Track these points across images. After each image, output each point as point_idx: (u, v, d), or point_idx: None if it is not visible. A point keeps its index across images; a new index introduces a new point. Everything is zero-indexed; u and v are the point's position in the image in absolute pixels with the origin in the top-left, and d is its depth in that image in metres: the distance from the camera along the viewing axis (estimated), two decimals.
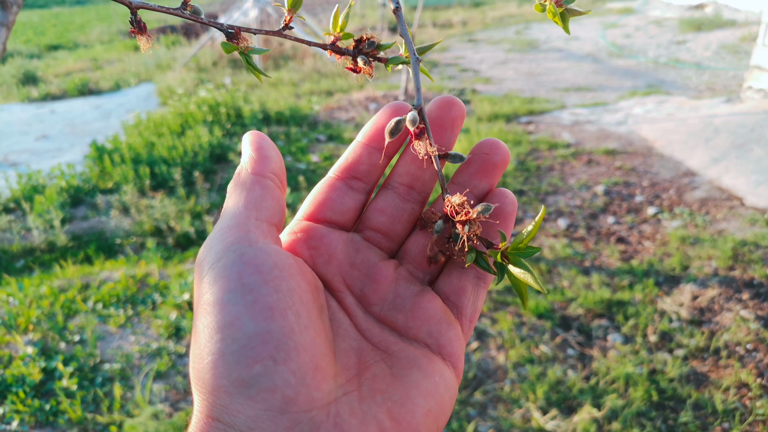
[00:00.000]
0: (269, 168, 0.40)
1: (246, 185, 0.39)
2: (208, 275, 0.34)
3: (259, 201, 0.38)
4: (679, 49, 8.60)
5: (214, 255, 0.34)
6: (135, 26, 0.38)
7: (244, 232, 0.36)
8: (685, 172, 4.16)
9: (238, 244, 0.35)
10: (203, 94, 5.97)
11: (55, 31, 14.70)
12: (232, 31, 0.40)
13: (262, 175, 0.39)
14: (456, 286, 0.43)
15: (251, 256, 0.34)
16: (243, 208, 0.37)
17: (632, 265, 3.05)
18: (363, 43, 0.43)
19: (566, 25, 0.40)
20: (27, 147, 5.76)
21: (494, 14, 13.51)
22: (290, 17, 0.42)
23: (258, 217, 0.37)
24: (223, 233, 0.36)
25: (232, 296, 0.32)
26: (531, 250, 0.38)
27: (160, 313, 2.73)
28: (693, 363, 2.37)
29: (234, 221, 0.36)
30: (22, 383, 2.31)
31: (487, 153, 0.43)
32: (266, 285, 0.33)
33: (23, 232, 3.77)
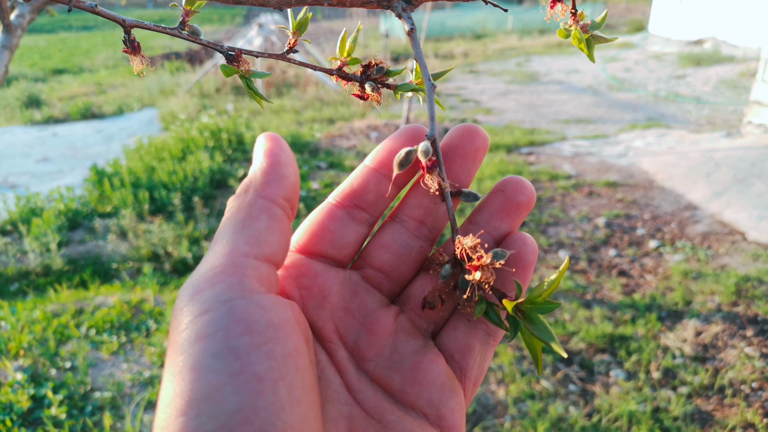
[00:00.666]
0: (282, 190, 0.34)
1: (251, 211, 0.33)
2: (188, 329, 0.28)
3: (263, 235, 0.32)
4: (678, 83, 8.68)
5: (200, 304, 0.28)
6: (128, 46, 0.36)
7: (239, 277, 0.29)
8: (687, 205, 4.15)
9: (229, 293, 0.29)
10: (205, 120, 5.99)
11: (61, 55, 14.86)
12: (233, 54, 0.37)
13: (272, 201, 0.33)
14: (462, 343, 0.39)
15: (243, 310, 0.28)
16: (243, 242, 0.31)
17: (634, 299, 3.01)
18: (371, 69, 0.40)
19: (591, 52, 0.37)
20: (27, 169, 5.75)
21: (495, 46, 13.68)
22: (295, 40, 0.40)
23: (258, 255, 0.31)
24: (213, 274, 0.29)
25: (214, 362, 0.27)
26: (550, 305, 0.34)
27: (154, 340, 2.68)
28: (697, 401, 2.32)
29: (229, 260, 0.30)
30: (10, 411, 2.25)
31: (511, 192, 0.39)
32: (257, 349, 0.28)
33: (19, 255, 3.74)
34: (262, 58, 0.40)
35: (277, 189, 0.34)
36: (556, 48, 13.12)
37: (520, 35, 15.22)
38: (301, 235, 0.39)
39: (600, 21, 0.37)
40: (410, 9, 0.37)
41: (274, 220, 0.33)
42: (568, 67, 10.67)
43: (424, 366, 0.37)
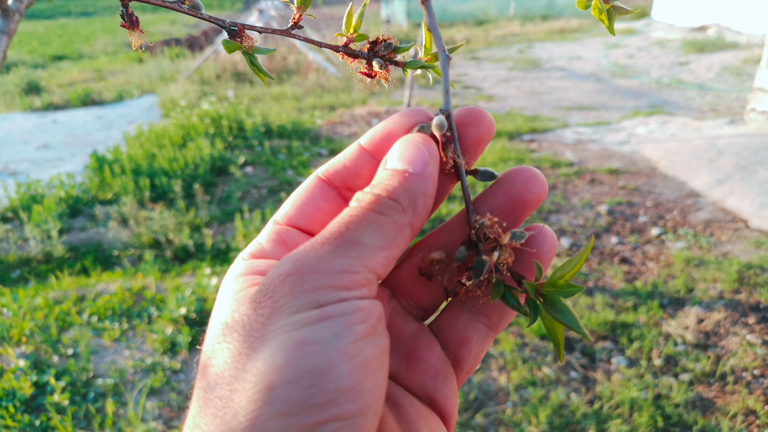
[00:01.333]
0: (424, 220, 0.34)
1: (397, 236, 0.32)
2: (313, 312, 0.29)
3: (394, 261, 0.32)
4: (681, 70, 8.62)
5: (330, 295, 0.29)
6: (126, 20, 0.34)
7: (368, 288, 0.31)
8: (689, 193, 4.13)
9: (358, 293, 0.30)
10: (206, 107, 5.96)
11: (60, 41, 14.78)
12: (236, 29, 0.36)
13: (413, 228, 0.33)
14: (460, 334, 0.38)
15: (364, 303, 0.30)
16: (380, 265, 0.31)
17: (636, 286, 3.00)
18: (379, 45, 0.39)
19: (612, 24, 0.36)
20: (27, 156, 5.74)
21: (497, 32, 13.59)
22: (299, 15, 0.38)
23: (382, 276, 0.32)
24: (350, 281, 0.30)
25: (337, 341, 0.28)
26: (572, 288, 0.32)
27: (155, 327, 2.68)
28: (699, 388, 2.32)
29: (369, 276, 0.31)
30: (13, 397, 2.26)
31: (520, 186, 0.36)
32: (369, 338, 0.29)
33: (20, 242, 3.73)
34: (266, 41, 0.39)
35: (424, 220, 0.34)
36: (558, 34, 13.03)
37: (522, 21, 15.12)
38: (291, 208, 0.39)
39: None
40: None
41: (406, 248, 0.33)
42: (570, 53, 10.60)
43: (420, 352, 0.37)
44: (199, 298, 2.85)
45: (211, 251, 3.51)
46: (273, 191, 4.41)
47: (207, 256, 3.45)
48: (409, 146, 0.34)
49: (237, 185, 4.53)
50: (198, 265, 3.31)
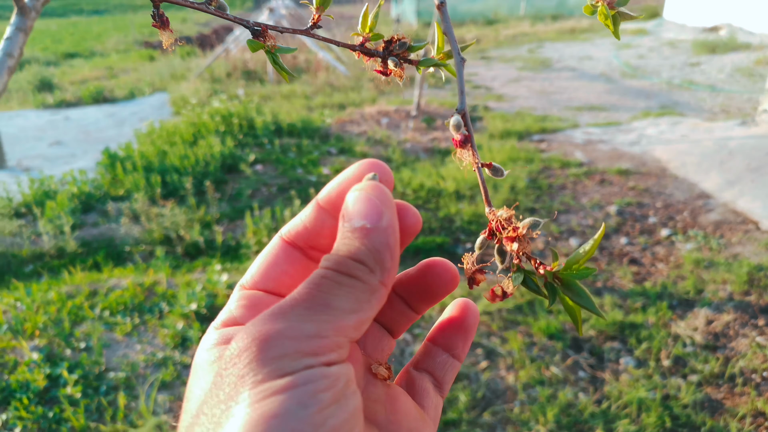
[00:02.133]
0: (393, 277, 0.33)
1: (371, 299, 0.31)
2: (279, 381, 0.28)
3: (366, 322, 0.32)
4: (692, 71, 8.58)
5: (296, 363, 0.28)
6: (157, 20, 0.36)
7: (338, 353, 0.30)
8: (700, 194, 4.12)
9: (326, 360, 0.29)
10: (216, 105, 6.00)
11: (72, 39, 14.89)
12: (259, 29, 0.38)
13: (385, 287, 0.32)
14: (420, 386, 0.41)
15: (330, 370, 0.29)
16: (352, 329, 0.30)
17: (645, 287, 3.00)
18: (394, 44, 0.40)
19: (617, 29, 0.37)
20: (40, 152, 5.80)
21: (507, 32, 13.56)
22: (318, 16, 0.40)
23: (354, 338, 0.31)
24: (319, 347, 0.29)
25: (301, 411, 0.27)
26: (587, 271, 0.35)
27: (167, 322, 2.71)
28: (707, 389, 2.32)
29: (338, 340, 0.30)
30: (27, 389, 2.29)
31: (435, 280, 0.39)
32: (336, 403, 0.28)
33: (33, 237, 3.78)
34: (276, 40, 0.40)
35: (395, 274, 0.33)
36: (568, 34, 12.99)
37: (533, 21, 15.07)
38: (257, 272, 0.38)
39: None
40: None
41: (380, 308, 0.33)
42: (580, 53, 10.57)
43: (399, 398, 0.38)
44: (209, 294, 2.88)
45: (222, 248, 3.54)
46: (283, 189, 4.44)
47: (217, 252, 3.48)
48: (360, 199, 0.33)
49: (247, 183, 4.56)
50: (208, 262, 3.34)
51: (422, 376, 0.41)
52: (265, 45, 0.38)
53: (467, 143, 0.37)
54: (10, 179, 4.89)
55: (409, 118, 6.31)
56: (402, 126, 6.06)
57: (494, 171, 0.38)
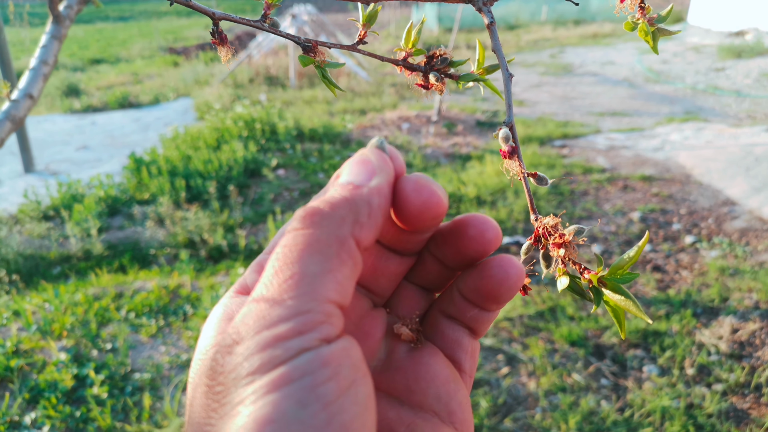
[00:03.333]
0: (376, 232, 0.30)
1: (340, 254, 0.28)
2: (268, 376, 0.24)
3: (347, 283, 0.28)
4: (718, 76, 8.47)
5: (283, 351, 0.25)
6: (216, 37, 0.38)
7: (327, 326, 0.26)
8: (725, 201, 4.07)
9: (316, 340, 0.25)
10: (239, 110, 6.07)
11: (98, 45, 15.17)
12: (309, 45, 0.40)
13: (360, 245, 0.29)
14: (450, 338, 0.36)
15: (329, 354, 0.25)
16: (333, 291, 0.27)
17: (669, 294, 2.97)
18: (435, 59, 0.42)
19: (656, 44, 0.39)
20: (68, 157, 5.91)
21: (529, 37, 13.52)
22: (365, 32, 0.42)
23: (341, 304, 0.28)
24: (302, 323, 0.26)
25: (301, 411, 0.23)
26: (630, 275, 0.36)
27: (191, 324, 2.75)
28: (732, 399, 2.29)
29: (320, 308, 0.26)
30: (55, 389, 2.34)
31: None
32: (344, 395, 0.25)
33: (61, 240, 3.85)
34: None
35: (371, 233, 0.29)
36: (591, 39, 12.91)
37: (555, 26, 15.01)
38: None
39: (665, 15, 0.39)
40: (489, 3, 0.39)
41: (357, 265, 0.28)
42: (603, 58, 10.49)
43: (425, 360, 0.35)
44: None
45: (245, 251, 3.58)
46: (304, 193, 4.48)
47: (240, 256, 3.52)
48: (355, 161, 0.31)
49: (269, 187, 4.61)
50: (231, 265, 3.38)
51: (452, 324, 0.36)
52: (315, 60, 0.40)
53: (514, 154, 0.38)
54: (39, 183, 4.99)
55: (429, 123, 6.33)
56: (423, 131, 6.08)
57: (539, 180, 0.40)
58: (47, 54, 1.58)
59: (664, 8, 0.42)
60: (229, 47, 0.39)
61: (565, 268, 0.37)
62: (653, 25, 0.39)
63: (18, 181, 5.10)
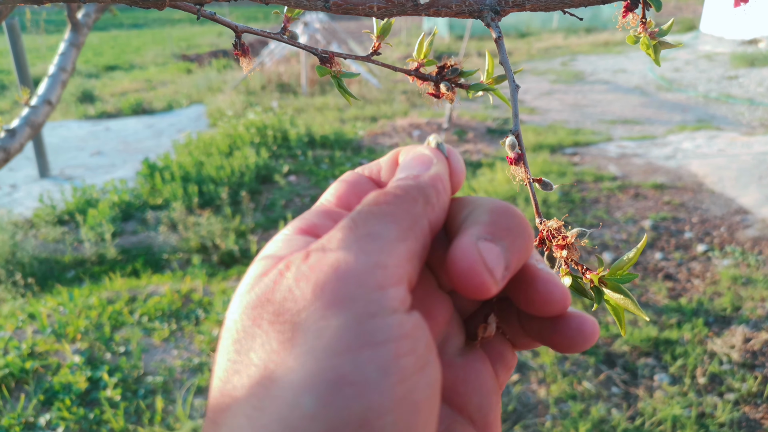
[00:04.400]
0: (444, 214, 0.31)
1: (423, 227, 0.28)
2: (351, 329, 0.23)
3: (421, 255, 0.28)
4: (730, 84, 8.43)
5: (366, 304, 0.24)
6: (239, 48, 0.40)
7: (404, 290, 0.26)
8: (737, 209, 4.05)
9: (398, 304, 0.25)
10: (251, 117, 6.12)
11: (112, 52, 15.34)
12: (327, 56, 0.41)
13: (438, 222, 0.30)
14: (497, 349, 0.35)
15: (411, 325, 0.25)
16: (409, 258, 0.27)
17: (680, 303, 2.96)
18: (446, 70, 0.44)
19: (658, 57, 0.41)
20: (82, 162, 5.99)
21: (540, 45, 13.52)
22: (379, 44, 0.43)
23: (413, 275, 0.27)
24: (384, 277, 0.25)
25: (382, 379, 0.22)
26: (630, 276, 0.38)
27: (203, 328, 2.77)
28: (745, 408, 2.28)
29: (399, 270, 0.26)
30: (69, 391, 2.37)
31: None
32: (420, 372, 0.24)
33: (75, 244, 3.90)
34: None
35: (439, 216, 0.30)
36: (602, 47, 12.89)
37: (566, 34, 15.00)
38: (345, 192, 0.35)
39: (666, 29, 0.41)
40: (497, 19, 0.41)
41: (426, 247, 0.29)
42: (614, 66, 10.48)
43: (477, 365, 0.33)
44: None
45: (256, 257, 3.60)
46: (316, 199, 4.50)
47: (252, 261, 3.55)
48: (412, 155, 0.32)
49: (281, 193, 4.64)
50: (243, 270, 3.41)
51: (500, 335, 0.36)
52: (331, 70, 0.42)
53: (520, 161, 0.40)
54: (54, 187, 5.06)
55: (440, 130, 6.34)
56: None
57: (544, 185, 0.42)
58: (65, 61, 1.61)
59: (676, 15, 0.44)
60: (250, 58, 0.41)
61: (568, 268, 0.39)
62: (654, 39, 0.40)
63: (33, 186, 5.17)
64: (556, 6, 0.42)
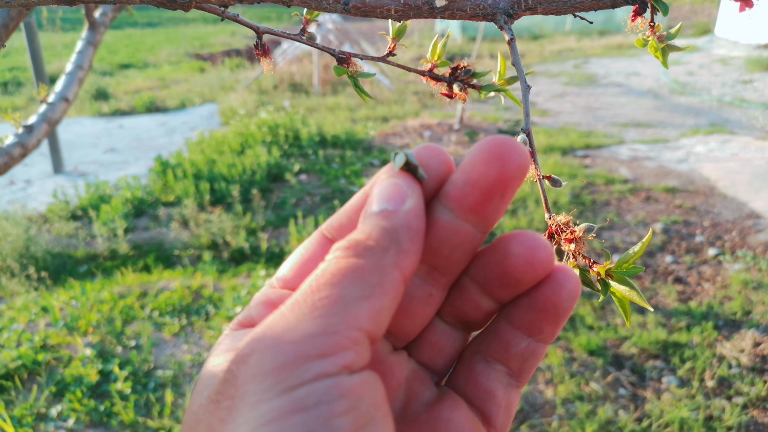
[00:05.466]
0: (416, 262, 0.28)
1: (383, 283, 0.26)
2: (283, 397, 0.23)
3: (384, 314, 0.26)
4: (744, 88, 8.37)
5: (302, 372, 0.23)
6: (260, 49, 0.42)
7: (352, 352, 0.25)
8: (749, 213, 4.02)
9: (338, 366, 0.24)
10: (263, 116, 6.16)
11: (126, 50, 15.45)
12: (344, 57, 0.43)
13: (403, 275, 0.27)
14: (482, 387, 0.32)
15: (349, 386, 0.24)
16: (366, 318, 0.25)
17: (690, 306, 2.95)
18: (459, 71, 0.45)
19: (666, 60, 0.42)
20: (96, 158, 6.04)
21: (553, 48, 13.48)
22: (394, 45, 0.45)
23: (373, 334, 0.26)
24: (328, 345, 0.24)
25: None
26: (635, 269, 0.39)
27: (213, 324, 2.80)
28: (753, 412, 2.27)
29: (347, 334, 0.25)
30: (80, 383, 2.40)
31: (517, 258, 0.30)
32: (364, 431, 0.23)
33: (88, 239, 3.95)
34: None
35: (414, 260, 0.28)
36: (615, 50, 12.83)
37: (579, 36, 14.94)
38: (290, 268, 0.34)
39: (675, 32, 0.42)
40: (510, 22, 0.42)
41: (397, 297, 0.27)
42: (627, 69, 10.43)
43: (445, 415, 0.31)
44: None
45: (266, 254, 3.63)
46: (326, 199, 4.53)
47: (262, 258, 3.57)
48: (384, 187, 0.29)
49: (292, 192, 4.67)
50: (253, 267, 3.44)
51: (488, 369, 0.32)
52: (348, 71, 0.43)
53: (530, 158, 0.42)
54: (68, 183, 5.11)
55: (451, 131, 6.35)
56: (444, 139, 6.10)
57: (553, 182, 0.43)
58: (83, 59, 1.64)
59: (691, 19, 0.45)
60: (271, 58, 0.43)
61: (576, 261, 0.40)
62: (663, 42, 0.41)
63: (47, 182, 5.23)
64: (567, 10, 0.42)
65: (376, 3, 0.40)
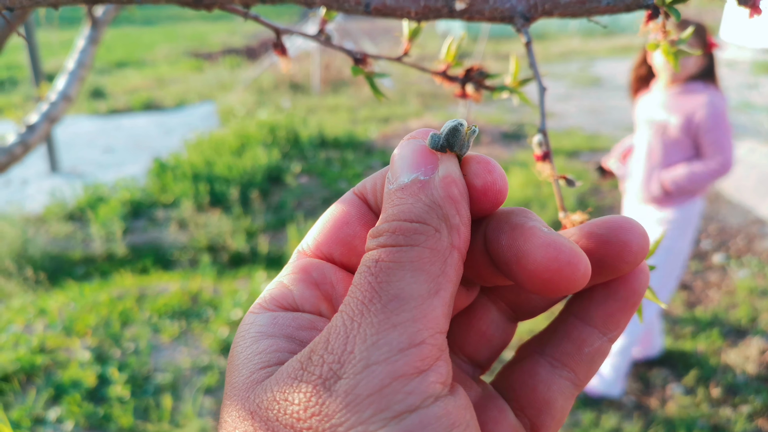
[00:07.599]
0: None
1: (452, 276, 0.24)
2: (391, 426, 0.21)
3: (451, 302, 0.24)
4: (751, 92, 8.35)
5: (405, 396, 0.21)
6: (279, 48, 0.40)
7: (445, 365, 0.22)
8: (755, 220, 3.99)
9: (439, 386, 0.22)
10: (263, 116, 6.13)
11: (124, 49, 15.42)
12: (360, 57, 0.40)
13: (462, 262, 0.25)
14: (540, 396, 0.29)
15: (453, 411, 0.22)
16: (444, 319, 0.23)
17: (695, 313, 2.92)
18: (473, 72, 0.43)
19: (677, 63, 0.42)
20: (93, 158, 6.01)
21: (557, 49, 13.46)
22: (409, 46, 0.43)
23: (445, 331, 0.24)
24: (421, 358, 0.22)
25: None
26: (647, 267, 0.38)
27: (211, 328, 2.77)
28: (759, 421, 2.24)
29: (437, 341, 0.22)
30: (78, 387, 2.37)
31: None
32: None
33: (85, 240, 3.91)
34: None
35: (467, 234, 0.25)
36: (621, 52, 12.82)
37: (584, 37, 14.94)
38: (321, 233, 0.31)
39: (686, 37, 0.42)
40: (527, 25, 0.42)
41: (459, 280, 0.25)
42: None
43: (489, 427, 0.28)
44: (253, 302, 2.93)
45: (266, 257, 3.60)
46: (326, 201, 4.49)
47: (261, 261, 3.54)
48: (407, 150, 0.26)
49: (291, 194, 4.63)
50: (252, 270, 3.40)
51: (552, 376, 0.29)
52: (364, 71, 0.41)
53: (546, 158, 0.42)
54: (64, 184, 5.08)
55: None
56: None
57: (569, 182, 0.43)
58: (85, 57, 1.60)
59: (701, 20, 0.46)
60: (289, 57, 0.41)
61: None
62: (674, 47, 0.41)
63: (44, 182, 5.19)
64: (582, 13, 0.42)
65: (396, 4, 0.38)
